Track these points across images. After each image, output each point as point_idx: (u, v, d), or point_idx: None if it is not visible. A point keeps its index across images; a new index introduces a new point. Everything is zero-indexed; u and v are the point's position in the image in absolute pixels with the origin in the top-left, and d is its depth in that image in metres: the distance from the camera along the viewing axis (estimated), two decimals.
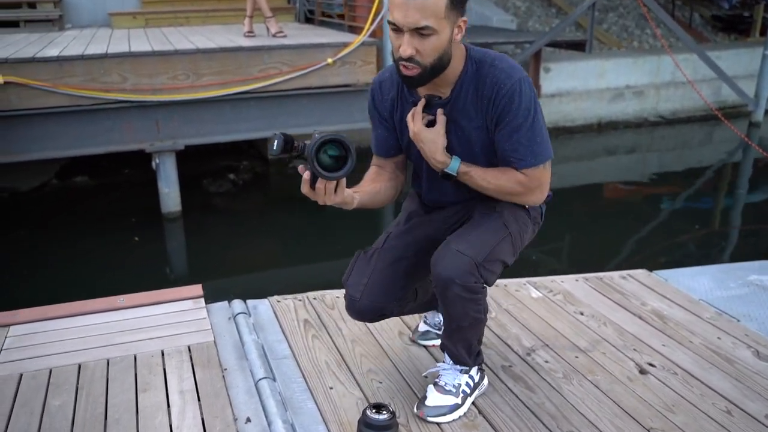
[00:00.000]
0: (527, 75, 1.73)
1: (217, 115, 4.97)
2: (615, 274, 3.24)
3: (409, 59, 1.61)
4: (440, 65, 1.67)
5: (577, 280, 3.12)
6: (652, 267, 4.23)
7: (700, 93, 8.64)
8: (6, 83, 4.33)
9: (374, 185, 1.88)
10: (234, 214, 5.33)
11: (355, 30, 5.98)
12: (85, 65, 4.53)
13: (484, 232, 1.80)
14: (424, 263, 1.83)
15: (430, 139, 1.75)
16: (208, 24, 7.29)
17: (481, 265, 1.73)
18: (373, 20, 5.27)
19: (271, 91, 5.01)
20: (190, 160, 5.21)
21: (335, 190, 1.58)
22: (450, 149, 1.79)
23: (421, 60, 1.63)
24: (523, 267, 4.38)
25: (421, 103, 1.77)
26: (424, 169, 1.91)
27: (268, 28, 5.70)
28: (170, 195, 4.99)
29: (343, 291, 1.92)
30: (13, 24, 6.68)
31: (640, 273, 3.26)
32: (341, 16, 7.06)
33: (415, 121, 1.77)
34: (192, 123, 4.92)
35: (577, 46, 7.50)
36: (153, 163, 4.91)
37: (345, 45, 5.12)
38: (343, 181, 1.58)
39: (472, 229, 1.82)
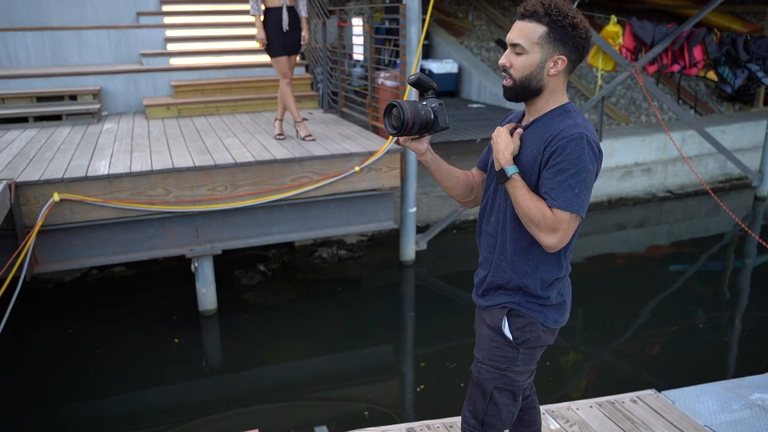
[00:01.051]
0: (596, 138, 1.95)
1: (251, 220, 5.33)
2: (626, 398, 3.53)
3: (504, 69, 1.99)
4: (528, 85, 1.97)
5: (591, 407, 3.41)
6: (662, 370, 4.49)
7: (695, 171, 8.90)
8: (62, 200, 4.73)
9: (457, 171, 2.25)
10: (267, 310, 5.64)
11: (379, 131, 6.38)
12: (132, 181, 4.91)
13: (475, 395, 2.21)
14: None
15: (506, 140, 2.01)
16: (237, 112, 7.72)
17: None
18: None
19: (302, 198, 5.38)
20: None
21: (412, 138, 2.05)
22: None
23: (513, 73, 1.97)
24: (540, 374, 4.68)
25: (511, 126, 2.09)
26: (489, 188, 2.18)
27: (297, 131, 6.10)
28: (207, 295, 5.34)
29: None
30: (56, 117, 7.13)
31: (649, 395, 3.55)
32: (358, 93, 7.51)
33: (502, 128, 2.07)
34: (228, 228, 5.28)
35: None
36: (192, 267, 5.26)
37: (371, 153, 5.50)
38: (423, 137, 2.06)
39: (469, 392, 2.25)
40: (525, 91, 1.98)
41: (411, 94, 5.72)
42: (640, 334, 5.54)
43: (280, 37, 5.82)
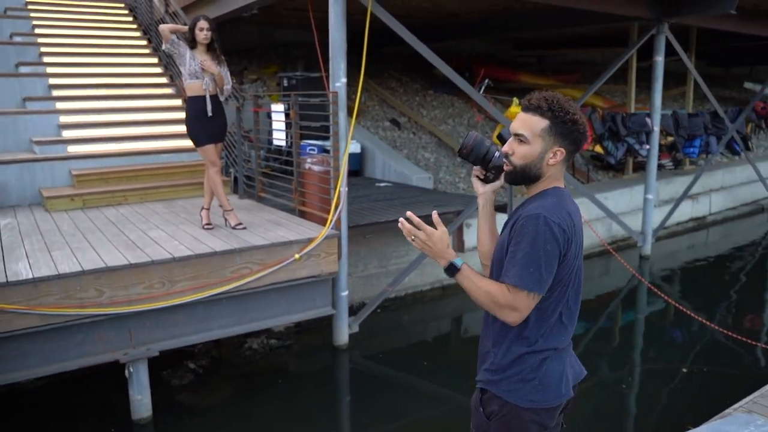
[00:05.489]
0: (560, 219, 2.04)
1: (188, 316, 5.06)
2: None
3: (506, 156, 2.18)
4: (527, 172, 2.16)
5: None
6: None
7: (596, 231, 9.71)
8: None
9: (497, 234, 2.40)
10: (204, 411, 5.27)
11: (306, 215, 6.35)
12: (61, 284, 4.53)
13: None
14: None
15: (439, 236, 2.10)
16: (147, 201, 7.39)
17: None
18: (334, 213, 5.67)
19: (242, 290, 5.19)
20: None
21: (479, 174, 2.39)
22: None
23: (514, 160, 2.16)
24: None
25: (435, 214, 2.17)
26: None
27: (226, 220, 5.94)
28: (142, 401, 4.92)
29: None
30: None
31: None
32: (266, 175, 7.48)
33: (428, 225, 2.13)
34: (164, 327, 4.97)
35: (499, 209, 8.30)
36: (126, 372, 4.87)
37: (309, 240, 5.46)
38: (487, 181, 2.37)
39: None
40: (524, 177, 2.18)
41: (343, 181, 5.80)
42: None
43: (204, 126, 5.73)
